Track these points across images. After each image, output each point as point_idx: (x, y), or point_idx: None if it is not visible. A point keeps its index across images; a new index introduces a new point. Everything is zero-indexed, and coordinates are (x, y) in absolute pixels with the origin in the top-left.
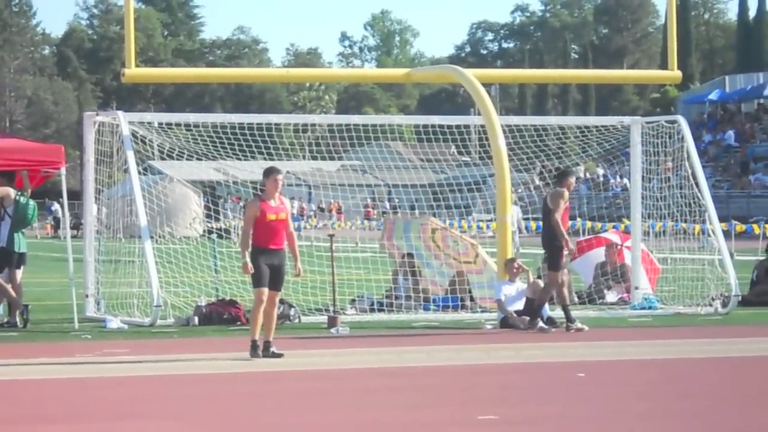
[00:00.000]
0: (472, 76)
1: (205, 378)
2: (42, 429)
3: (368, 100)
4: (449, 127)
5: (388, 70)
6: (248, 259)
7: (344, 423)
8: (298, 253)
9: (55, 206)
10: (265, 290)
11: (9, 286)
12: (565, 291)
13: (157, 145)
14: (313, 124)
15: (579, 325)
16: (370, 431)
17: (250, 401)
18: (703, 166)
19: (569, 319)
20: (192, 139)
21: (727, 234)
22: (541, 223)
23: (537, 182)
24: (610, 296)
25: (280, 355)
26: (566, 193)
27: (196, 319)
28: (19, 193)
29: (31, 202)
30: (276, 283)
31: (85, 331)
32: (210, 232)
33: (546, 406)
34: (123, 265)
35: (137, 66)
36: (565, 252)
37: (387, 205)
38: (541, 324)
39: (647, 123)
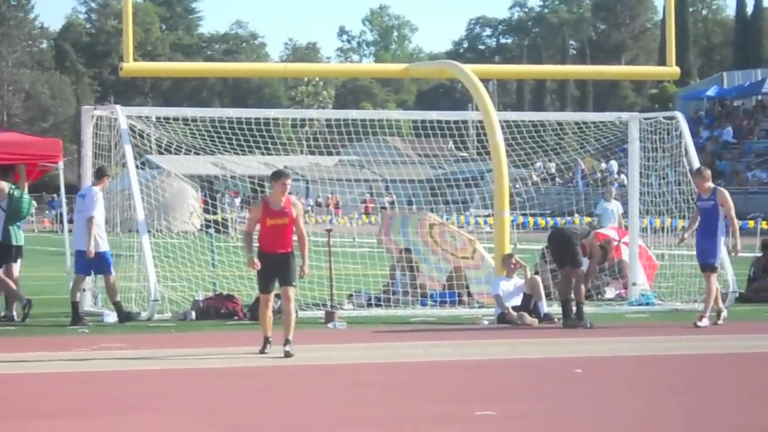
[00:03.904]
0: (470, 72)
1: (202, 373)
2: (39, 423)
3: (366, 95)
4: (447, 122)
5: (386, 66)
6: (254, 254)
7: (340, 418)
8: (308, 255)
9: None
10: (270, 296)
11: (8, 280)
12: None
13: (155, 140)
14: (311, 119)
15: (580, 323)
16: (366, 427)
17: (247, 396)
18: (701, 163)
19: (567, 315)
20: (190, 133)
21: None
22: (539, 219)
23: (535, 178)
24: (608, 292)
25: (290, 355)
26: None
27: (194, 313)
28: (13, 186)
29: (26, 196)
30: (286, 278)
31: (82, 325)
32: (208, 226)
33: (543, 402)
34: (121, 259)
35: (135, 60)
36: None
37: (385, 200)
38: (585, 321)
39: (645, 119)
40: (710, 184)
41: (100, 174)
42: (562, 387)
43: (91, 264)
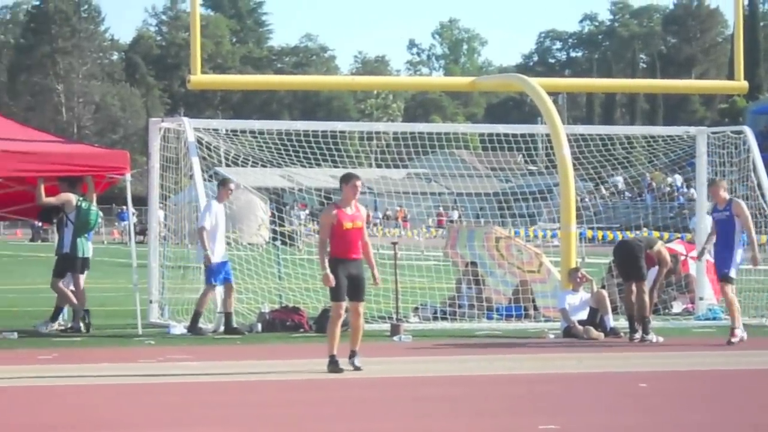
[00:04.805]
0: (537, 85)
1: (267, 385)
2: None
3: (435, 108)
4: (514, 136)
5: (453, 79)
6: (329, 270)
7: (402, 431)
8: (374, 261)
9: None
10: (344, 304)
11: (70, 292)
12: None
13: (223, 152)
14: (378, 132)
15: (646, 337)
16: None
17: (310, 409)
18: None
19: (633, 329)
20: (257, 146)
21: None
22: (607, 233)
23: (604, 192)
24: (675, 307)
25: (358, 368)
26: None
27: (260, 325)
28: (81, 198)
29: (93, 208)
30: (358, 293)
31: (148, 337)
32: (274, 239)
33: (607, 416)
34: (189, 271)
35: (204, 72)
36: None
37: (455, 214)
38: (652, 336)
39: (713, 133)
40: (726, 195)
41: (219, 186)
42: (626, 401)
43: (214, 273)
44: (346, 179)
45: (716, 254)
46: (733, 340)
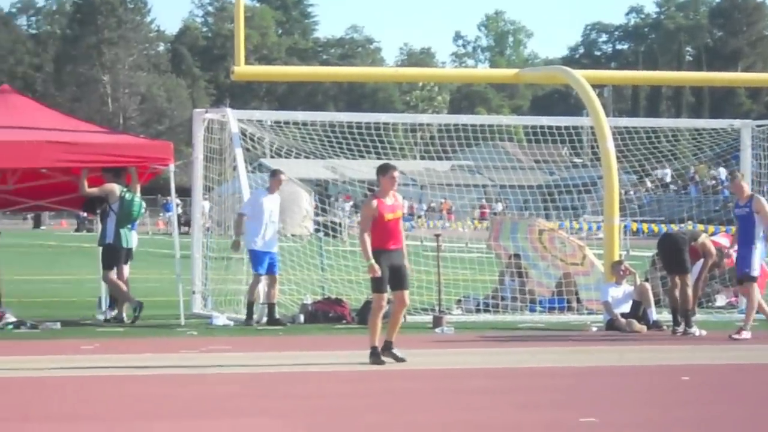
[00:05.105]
0: (581, 77)
1: (309, 376)
2: (144, 425)
3: (481, 100)
4: (558, 128)
5: (498, 71)
6: (374, 261)
7: (443, 423)
8: (407, 251)
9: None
10: (386, 295)
11: (121, 283)
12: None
13: (268, 143)
14: (423, 124)
15: (689, 330)
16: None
17: (352, 400)
18: None
19: (677, 322)
20: (301, 137)
21: None
22: (652, 226)
23: (648, 185)
24: (719, 300)
25: (402, 360)
26: None
27: (302, 317)
28: (125, 189)
29: (137, 198)
30: (402, 282)
31: (191, 328)
32: (317, 230)
33: (648, 410)
34: (232, 262)
35: (250, 64)
36: None
37: (499, 206)
38: (695, 329)
39: (758, 126)
40: (748, 191)
41: (270, 177)
42: (668, 395)
43: (257, 262)
44: (383, 170)
45: (737, 251)
46: (734, 336)
